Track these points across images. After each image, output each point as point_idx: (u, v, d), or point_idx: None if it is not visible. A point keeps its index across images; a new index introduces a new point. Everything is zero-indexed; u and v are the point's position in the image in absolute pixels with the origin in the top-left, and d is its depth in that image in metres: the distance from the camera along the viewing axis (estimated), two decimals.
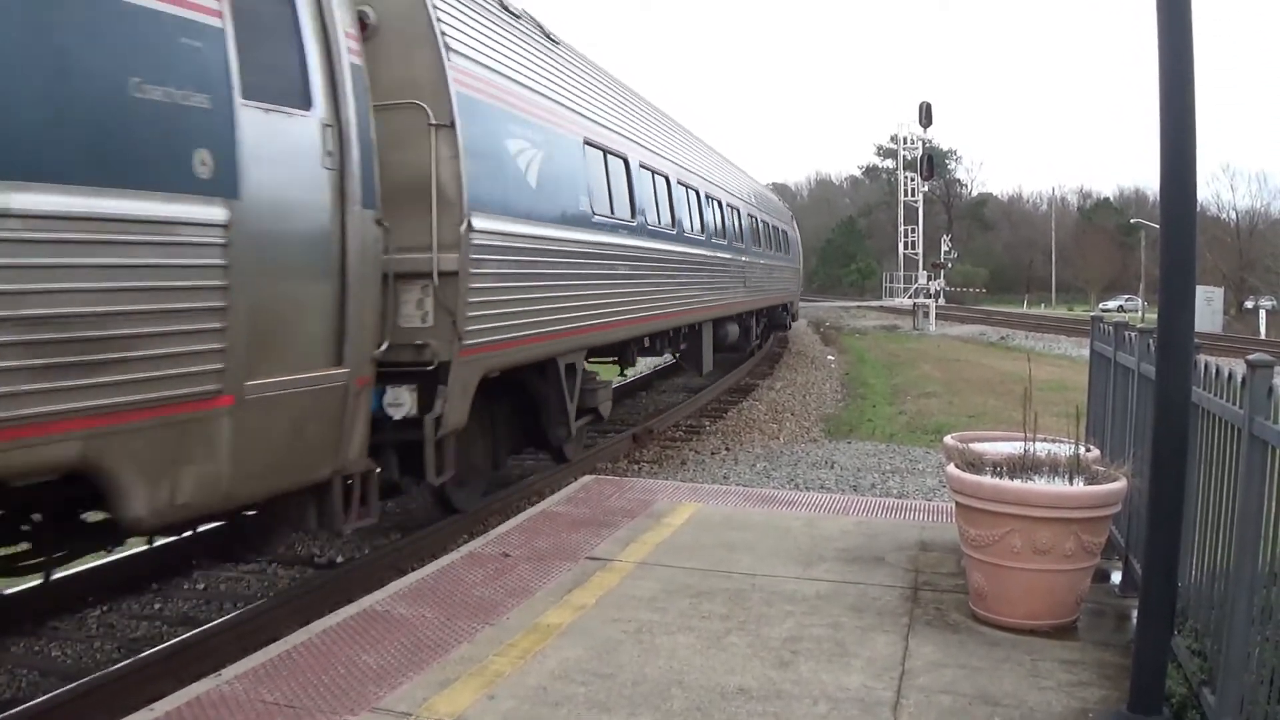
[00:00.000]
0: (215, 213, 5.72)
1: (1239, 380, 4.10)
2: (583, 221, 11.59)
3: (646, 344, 16.18)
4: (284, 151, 6.44)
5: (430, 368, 8.18)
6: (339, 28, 7.01)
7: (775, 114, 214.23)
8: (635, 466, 13.79)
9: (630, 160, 13.96)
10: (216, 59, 5.80)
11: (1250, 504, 3.85)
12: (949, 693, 4.82)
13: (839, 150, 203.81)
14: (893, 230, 62.31)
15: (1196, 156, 4.12)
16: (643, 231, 14.22)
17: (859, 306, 70.58)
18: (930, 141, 55.15)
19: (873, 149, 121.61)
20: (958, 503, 5.89)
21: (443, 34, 8.48)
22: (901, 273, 57.77)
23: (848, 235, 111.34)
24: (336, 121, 6.90)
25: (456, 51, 8.65)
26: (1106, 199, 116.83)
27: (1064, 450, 5.97)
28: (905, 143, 55.79)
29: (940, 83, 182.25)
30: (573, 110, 11.90)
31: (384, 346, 7.46)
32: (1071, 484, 5.65)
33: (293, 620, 7.01)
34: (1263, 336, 48.25)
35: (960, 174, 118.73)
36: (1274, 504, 3.69)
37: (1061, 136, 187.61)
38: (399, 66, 8.17)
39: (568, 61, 12.51)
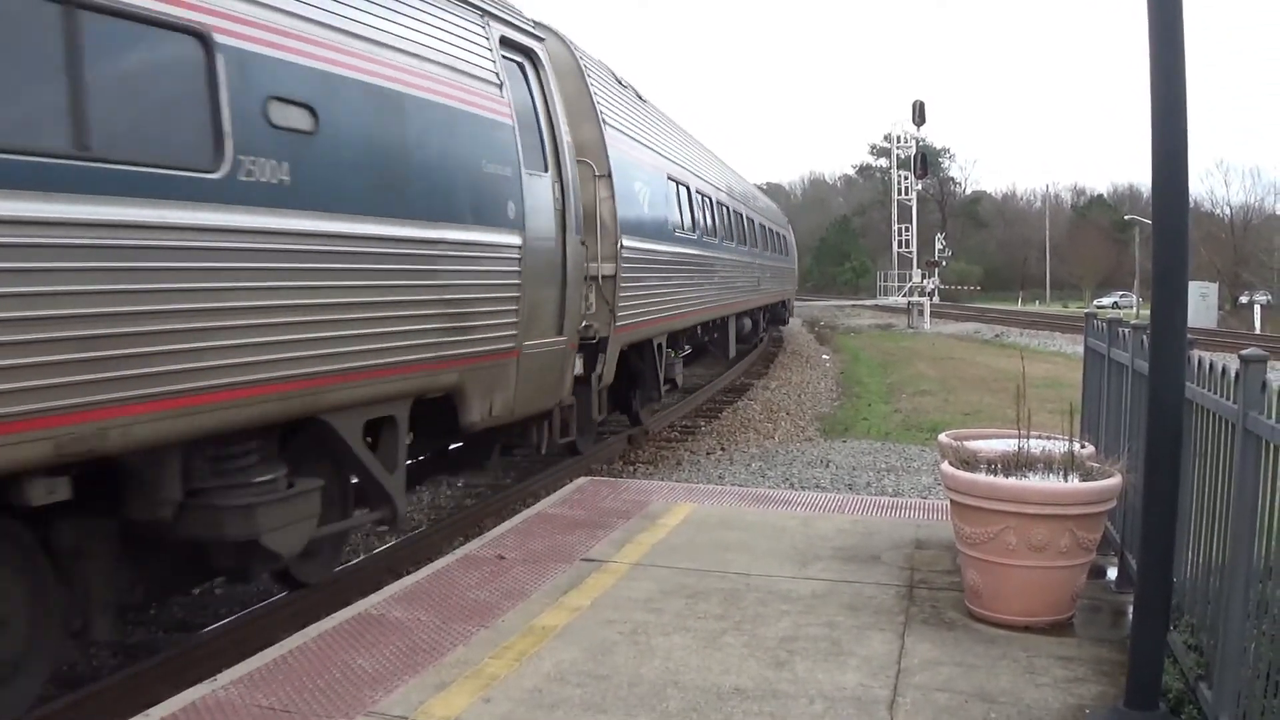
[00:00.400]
0: (516, 240, 8.81)
1: (1233, 375, 4.09)
2: (669, 237, 15.30)
3: (698, 332, 19.79)
4: (538, 199, 9.40)
5: (593, 342, 11.55)
6: (559, 119, 10.14)
7: (769, 114, 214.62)
8: (630, 468, 13.79)
9: (690, 186, 17.70)
10: (511, 144, 8.88)
11: (1245, 499, 3.85)
12: (945, 691, 4.81)
13: (833, 150, 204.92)
14: (887, 229, 62.45)
15: (1189, 152, 4.12)
16: (700, 243, 18.00)
17: (854, 305, 70.70)
18: (924, 140, 55.32)
19: (866, 148, 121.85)
20: (953, 500, 5.89)
21: (600, 111, 12.27)
22: (896, 271, 57.79)
23: (842, 234, 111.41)
24: (559, 178, 9.97)
25: (608, 123, 12.45)
26: (1100, 196, 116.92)
27: (1059, 447, 5.97)
28: (899, 141, 55.84)
29: (933, 81, 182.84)
30: (659, 154, 15.68)
31: (582, 325, 10.78)
32: (1066, 481, 5.66)
33: (288, 625, 6.99)
34: (1257, 331, 48.31)
35: (954, 172, 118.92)
36: (1269, 498, 3.68)
37: (1055, 134, 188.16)
38: (574, 135, 10.89)
39: (652, 114, 16.57)
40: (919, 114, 51.03)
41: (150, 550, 6.12)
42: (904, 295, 54.84)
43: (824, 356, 32.69)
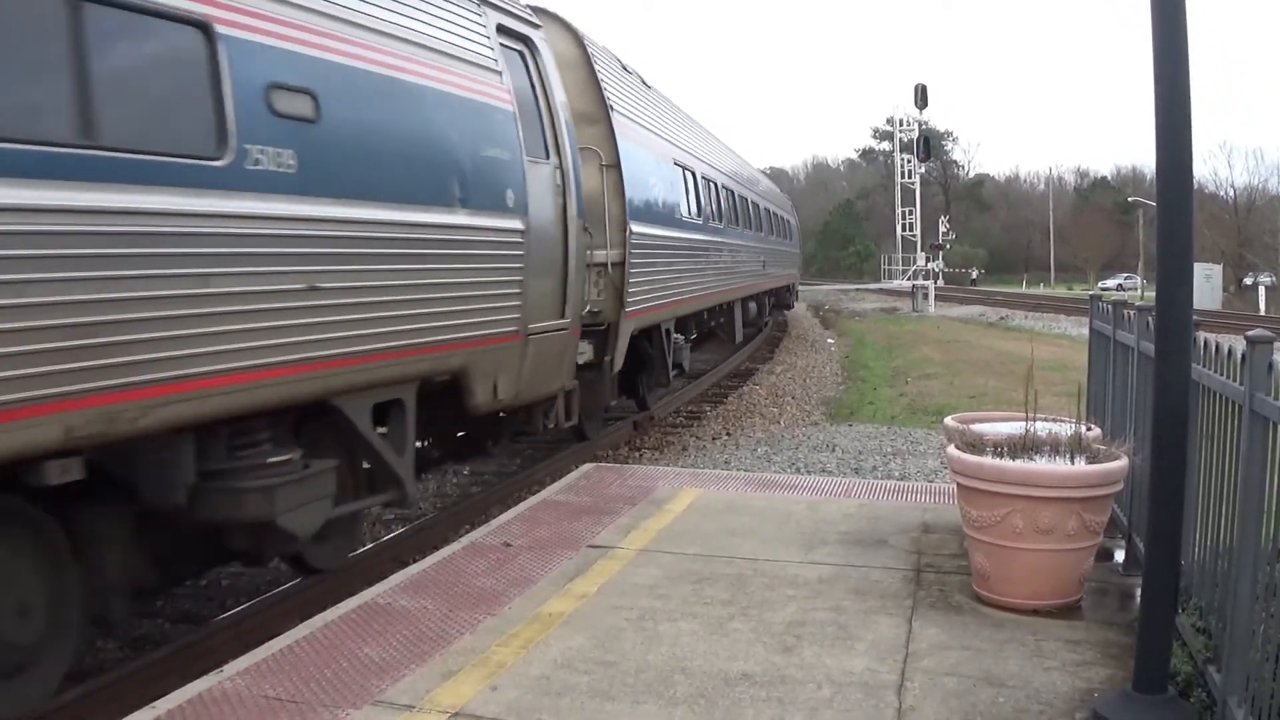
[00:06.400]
0: (519, 224, 8.90)
1: (1239, 356, 4.07)
2: (677, 223, 15.61)
3: (705, 317, 20.09)
4: (540, 186, 9.52)
5: (602, 328, 12.07)
6: (559, 105, 10.24)
7: (771, 98, 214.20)
8: (636, 454, 13.79)
9: (696, 172, 17.91)
10: (512, 131, 8.98)
11: (1252, 480, 3.83)
12: (953, 675, 4.81)
13: (835, 134, 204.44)
14: (890, 213, 62.25)
15: (1192, 134, 4.09)
16: (706, 228, 18.37)
17: (858, 289, 70.53)
18: (926, 123, 55.02)
19: (869, 132, 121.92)
20: (959, 484, 5.88)
21: (607, 98, 12.47)
22: (900, 255, 57.67)
23: (845, 218, 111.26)
24: (560, 165, 10.10)
25: (614, 109, 12.61)
26: (1104, 178, 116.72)
27: (1065, 430, 5.94)
28: (901, 125, 55.71)
29: (936, 64, 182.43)
30: (665, 140, 15.92)
31: (586, 309, 11.05)
32: (1073, 463, 5.64)
33: (294, 615, 7.00)
34: (1262, 312, 48.22)
35: (957, 155, 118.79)
36: (1276, 480, 3.67)
37: (1058, 116, 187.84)
38: (581, 122, 11.43)
39: (657, 100, 16.89)
40: (921, 97, 50.84)
41: (167, 534, 6.25)
42: (908, 279, 54.74)
43: (828, 340, 32.66)
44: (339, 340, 6.59)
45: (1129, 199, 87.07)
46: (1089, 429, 6.18)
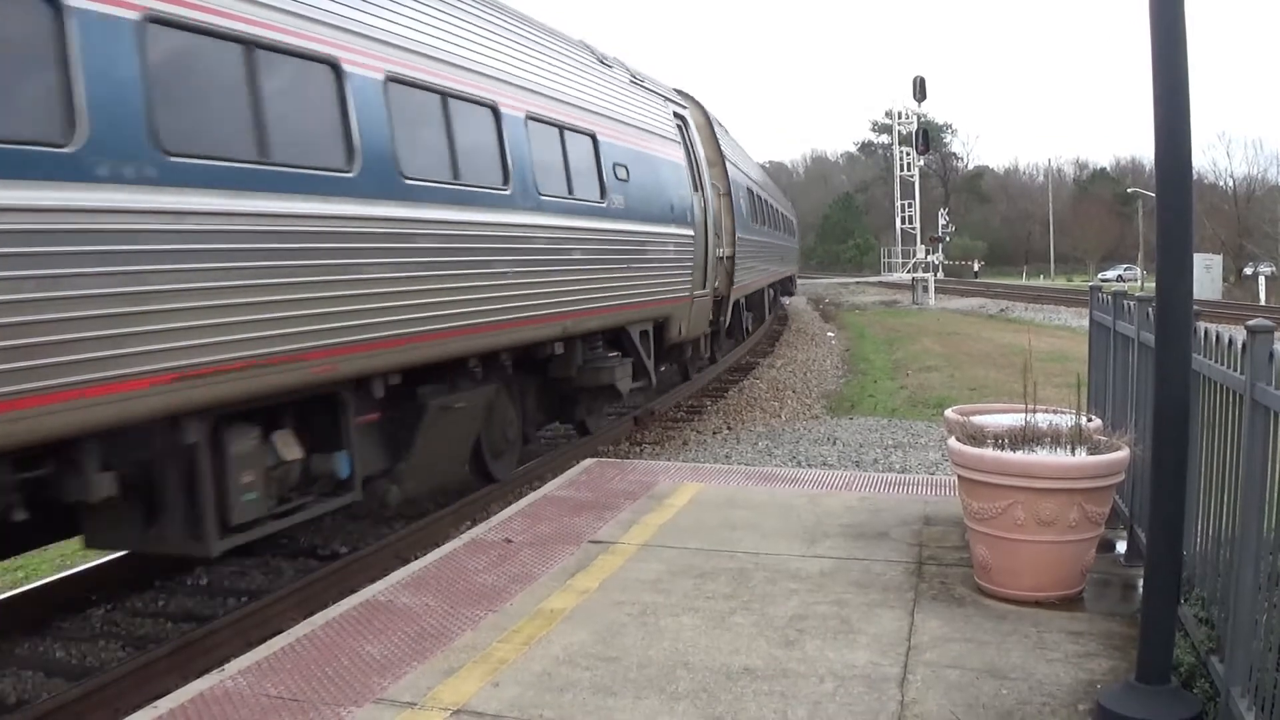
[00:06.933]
0: (690, 233, 14.89)
1: (1239, 346, 4.06)
2: (750, 229, 23.41)
3: (743, 302, 25.74)
4: (694, 209, 15.36)
5: (718, 299, 18.21)
6: (700, 157, 16.67)
7: (770, 91, 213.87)
8: (637, 448, 13.78)
9: (754, 191, 26.17)
10: (686, 177, 15.13)
11: (1254, 470, 3.82)
12: (956, 667, 4.80)
13: (834, 127, 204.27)
14: (890, 205, 62.17)
15: (1191, 124, 4.07)
16: (760, 230, 26.42)
17: (858, 282, 70.61)
18: (925, 116, 54.85)
19: (868, 125, 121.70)
20: (960, 476, 5.87)
21: (723, 151, 20.45)
22: (899, 248, 57.65)
23: (845, 211, 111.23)
24: (703, 194, 16.10)
25: (726, 158, 20.57)
26: (1103, 169, 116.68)
27: (1065, 421, 5.93)
28: (900, 117, 55.56)
29: (934, 57, 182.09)
30: (743, 172, 23.91)
31: (717, 284, 17.56)
32: (1074, 454, 5.63)
33: (296, 612, 7.01)
34: (1262, 302, 48.19)
35: (956, 147, 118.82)
36: (1277, 469, 3.66)
37: (1057, 108, 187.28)
38: (708, 166, 17.86)
39: (732, 142, 24.78)
40: (920, 90, 50.83)
41: (555, 394, 12.32)
42: (908, 271, 54.71)
43: (829, 334, 32.65)
44: (634, 294, 12.86)
45: (1128, 190, 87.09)
46: (1090, 420, 6.18)
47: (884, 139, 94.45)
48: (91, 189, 5.30)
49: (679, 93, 18.08)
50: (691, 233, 14.92)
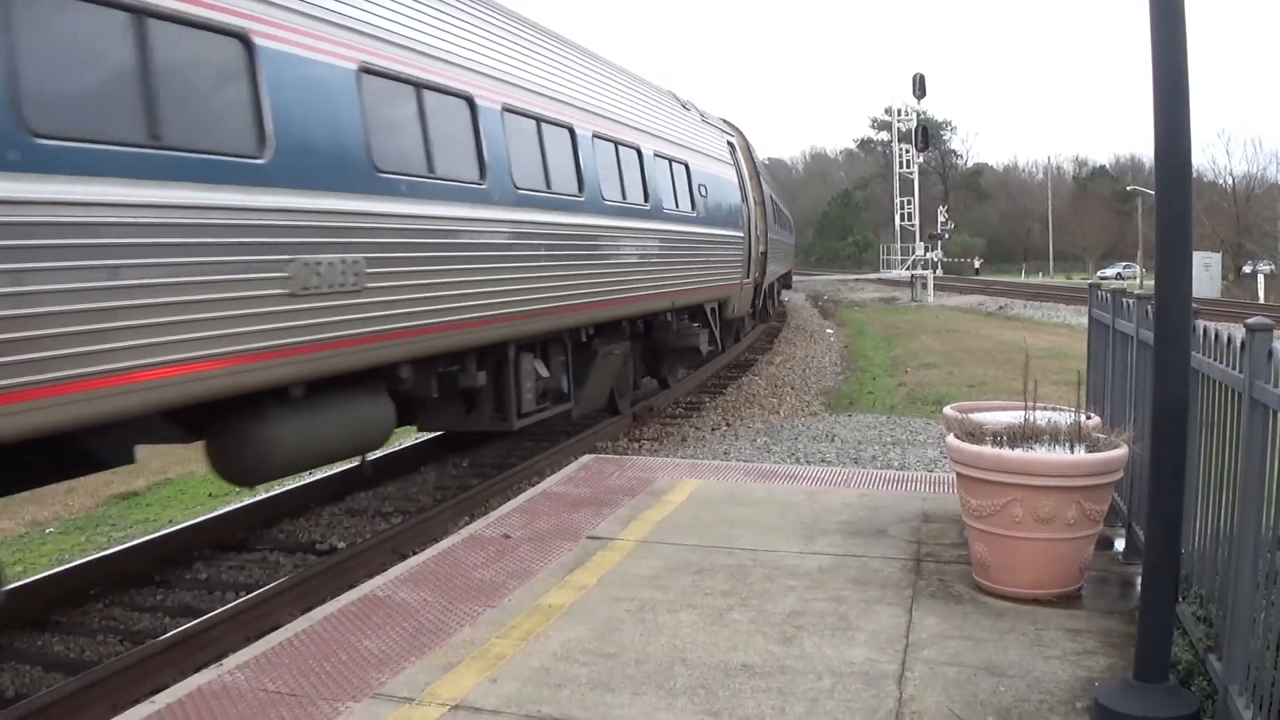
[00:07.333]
0: (741, 234, 20.15)
1: (1238, 344, 4.06)
2: (773, 229, 28.15)
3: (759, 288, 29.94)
4: (742, 216, 20.62)
5: (755, 286, 23.16)
6: (745, 174, 22.12)
7: (768, 88, 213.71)
8: (635, 445, 13.79)
9: (770, 195, 29.95)
10: (738, 191, 20.73)
11: (1252, 468, 3.82)
12: (954, 664, 4.80)
13: (833, 124, 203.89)
14: (889, 202, 62.12)
15: (1191, 122, 4.07)
16: (775, 229, 30.27)
17: (857, 279, 70.56)
18: (924, 113, 54.85)
19: (867, 122, 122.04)
20: (958, 473, 5.87)
21: (758, 168, 27.54)
22: (899, 244, 57.62)
23: (844, 208, 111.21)
24: (746, 203, 21.44)
25: (759, 174, 27.42)
26: (1102, 166, 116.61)
27: (1064, 418, 5.93)
28: (900, 114, 55.56)
29: (934, 54, 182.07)
30: (766, 186, 28.28)
31: (755, 275, 22.82)
32: (1072, 452, 5.62)
33: (294, 607, 7.01)
34: (1261, 300, 48.18)
35: (955, 145, 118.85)
36: (1276, 467, 3.66)
37: (1057, 105, 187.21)
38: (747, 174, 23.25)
39: (761, 163, 31.76)
40: (920, 87, 50.86)
41: (654, 353, 16.29)
42: (907, 268, 54.70)
43: (828, 331, 32.66)
44: (710, 280, 17.26)
45: (1128, 188, 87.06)
46: (1088, 417, 6.17)
47: (883, 136, 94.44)
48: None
49: (725, 121, 23.81)
50: (741, 234, 20.10)
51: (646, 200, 14.14)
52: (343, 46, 7.58)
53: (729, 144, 21.28)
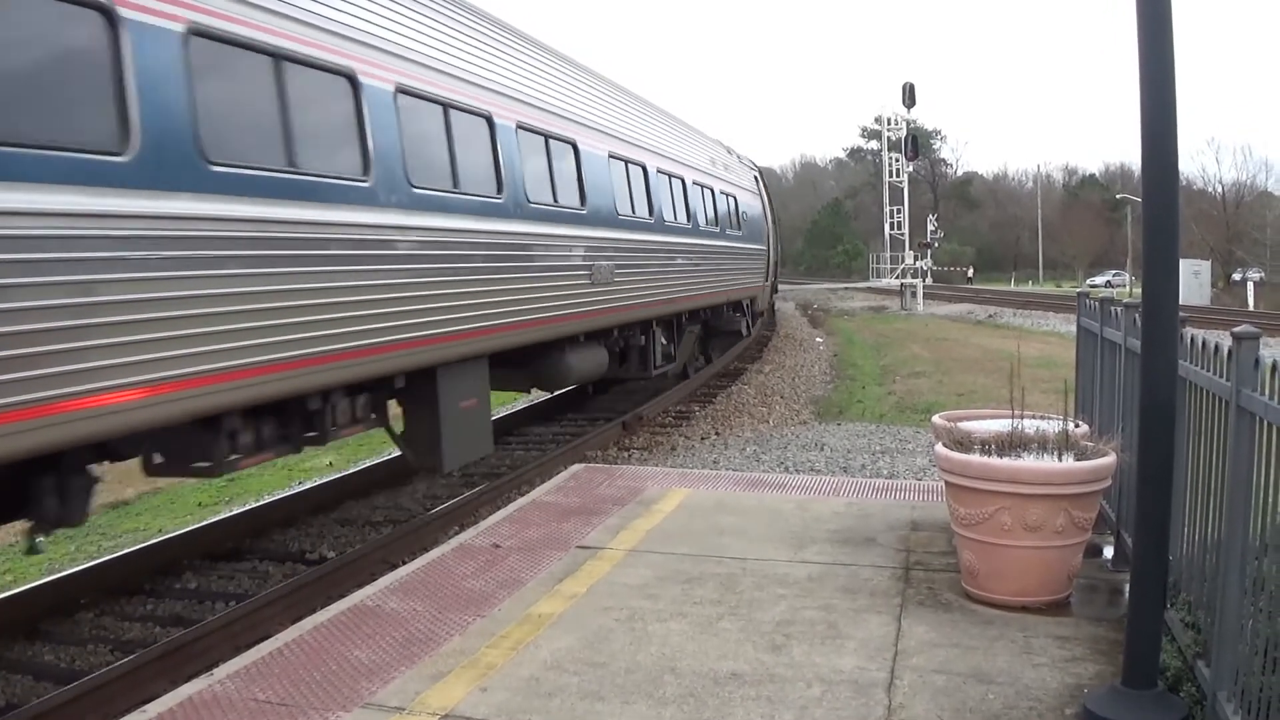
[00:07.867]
0: (764, 247, 26.52)
1: (1225, 352, 4.08)
2: (779, 242, 34.91)
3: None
4: (764, 233, 27.09)
5: (770, 288, 30.23)
6: (765, 199, 29.28)
7: (758, 97, 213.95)
8: (625, 454, 13.78)
9: (773, 212, 33.59)
10: (762, 210, 27.71)
11: (1239, 476, 3.84)
12: (943, 672, 4.82)
13: (823, 133, 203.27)
14: (878, 211, 62.35)
15: (1178, 130, 4.10)
16: (774, 247, 33.26)
17: (846, 288, 70.59)
18: (914, 122, 55.03)
19: (857, 131, 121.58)
20: (947, 482, 5.89)
21: (770, 194, 32.17)
22: (888, 253, 57.74)
23: (833, 217, 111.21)
24: (768, 221, 28.53)
25: (771, 199, 31.94)
26: (1092, 175, 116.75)
27: (1053, 426, 5.96)
28: (889, 123, 55.66)
29: (923, 63, 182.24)
30: (772, 206, 31.67)
31: (773, 277, 30.38)
32: (1061, 460, 5.65)
33: (284, 617, 7.00)
34: (1250, 308, 48.35)
35: (945, 154, 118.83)
36: (1263, 475, 3.68)
37: (1046, 114, 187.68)
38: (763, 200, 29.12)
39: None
40: (909, 96, 50.94)
41: (709, 334, 22.33)
42: (896, 277, 54.78)
43: (817, 339, 32.67)
44: (747, 282, 23.49)
45: (1117, 196, 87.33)
46: (1077, 426, 6.20)
47: (873, 145, 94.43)
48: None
49: (747, 159, 30.66)
50: (764, 247, 26.17)
51: (718, 224, 20.69)
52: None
53: (755, 177, 28.73)
